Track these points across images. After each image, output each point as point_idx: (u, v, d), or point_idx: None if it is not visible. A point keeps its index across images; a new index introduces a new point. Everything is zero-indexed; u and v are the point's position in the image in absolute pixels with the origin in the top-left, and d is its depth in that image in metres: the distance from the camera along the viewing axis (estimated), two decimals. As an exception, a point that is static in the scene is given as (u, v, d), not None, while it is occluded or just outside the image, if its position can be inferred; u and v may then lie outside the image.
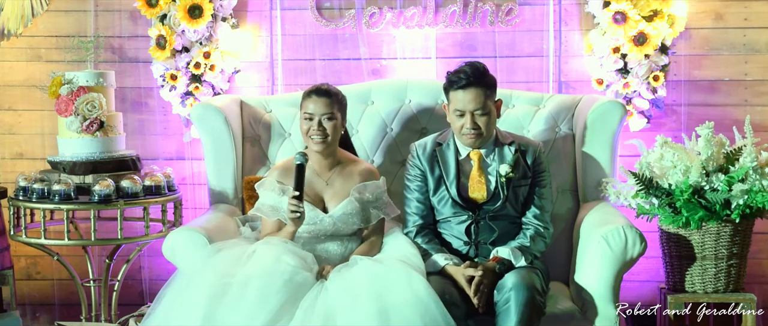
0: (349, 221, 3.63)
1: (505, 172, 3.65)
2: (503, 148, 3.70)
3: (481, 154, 3.69)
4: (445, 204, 3.70)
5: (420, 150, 3.76)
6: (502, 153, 3.69)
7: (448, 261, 3.57)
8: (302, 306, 3.18)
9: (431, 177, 3.72)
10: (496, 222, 3.67)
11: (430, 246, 3.65)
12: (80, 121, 4.18)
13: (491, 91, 3.63)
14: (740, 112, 4.41)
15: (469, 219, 3.67)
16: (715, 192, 3.75)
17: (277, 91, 4.54)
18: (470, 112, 3.59)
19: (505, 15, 4.40)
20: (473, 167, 3.70)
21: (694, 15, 4.40)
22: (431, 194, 3.72)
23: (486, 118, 3.60)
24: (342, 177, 3.72)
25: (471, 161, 3.70)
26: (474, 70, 3.59)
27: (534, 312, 3.36)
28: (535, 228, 3.68)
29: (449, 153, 3.72)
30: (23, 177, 4.24)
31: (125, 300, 4.57)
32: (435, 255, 3.60)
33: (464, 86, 3.58)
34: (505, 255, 3.57)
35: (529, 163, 3.70)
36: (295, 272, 3.29)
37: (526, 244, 3.62)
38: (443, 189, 3.70)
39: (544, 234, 3.69)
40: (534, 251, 3.63)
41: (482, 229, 3.68)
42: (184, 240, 3.57)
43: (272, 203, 3.66)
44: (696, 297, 3.89)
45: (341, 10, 4.48)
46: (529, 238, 3.64)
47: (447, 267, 3.55)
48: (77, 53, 4.45)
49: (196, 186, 4.62)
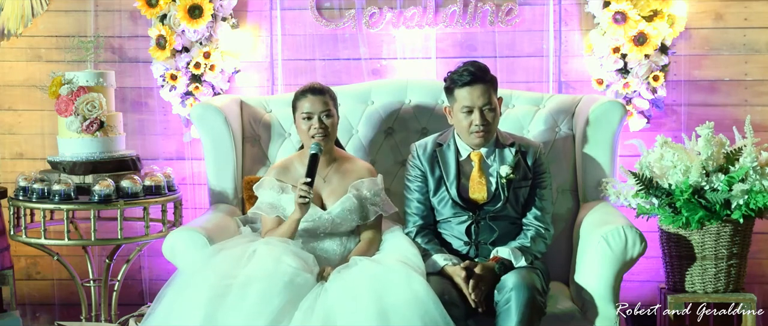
0: (347, 218, 3.64)
1: (505, 173, 3.65)
2: (504, 149, 3.70)
3: (482, 155, 3.70)
4: (445, 205, 3.70)
5: (420, 150, 3.76)
6: (503, 154, 3.69)
7: (447, 261, 3.57)
8: (302, 307, 3.18)
9: (432, 177, 3.72)
10: (497, 222, 3.67)
11: (430, 247, 3.65)
12: (80, 121, 4.18)
13: (494, 89, 3.65)
14: (740, 112, 4.41)
15: (470, 220, 3.68)
16: (715, 192, 3.75)
17: (277, 91, 4.54)
18: (479, 108, 3.59)
19: (505, 15, 4.40)
20: (474, 168, 3.70)
21: (694, 15, 4.40)
22: (431, 194, 3.72)
23: (493, 113, 3.62)
24: (339, 175, 3.74)
25: (471, 162, 3.70)
26: (477, 68, 3.62)
27: (534, 313, 3.36)
28: (536, 229, 3.68)
29: (450, 153, 3.72)
30: (23, 177, 4.24)
31: (125, 300, 4.57)
32: (435, 255, 3.60)
33: (470, 82, 3.59)
34: (505, 255, 3.57)
35: (529, 164, 3.70)
36: (296, 274, 3.29)
37: (527, 245, 3.62)
38: (443, 189, 3.70)
39: (545, 235, 3.69)
40: (534, 251, 3.63)
41: (482, 230, 3.68)
42: (184, 240, 3.57)
43: (271, 201, 3.68)
44: (696, 297, 3.89)
45: (341, 10, 4.48)
46: (530, 239, 3.64)
47: (446, 268, 3.55)
48: (77, 53, 4.45)
49: (196, 186, 4.62)
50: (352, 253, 3.58)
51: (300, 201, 3.51)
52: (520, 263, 3.55)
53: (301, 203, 3.51)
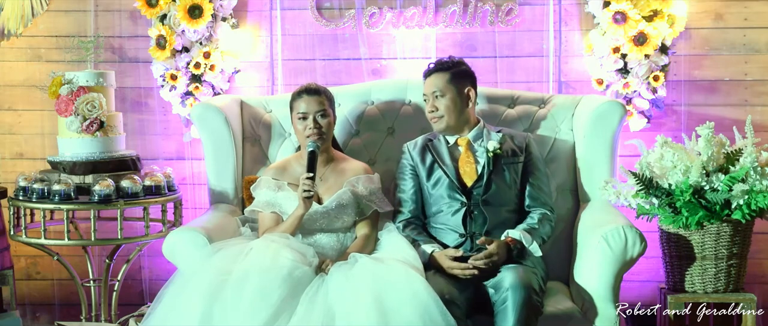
0: (343, 212, 3.66)
1: (493, 148, 3.76)
2: (490, 133, 3.83)
3: (469, 140, 3.82)
4: (441, 186, 3.77)
5: (411, 146, 3.91)
6: (490, 137, 3.81)
7: (434, 247, 3.64)
8: (303, 300, 3.20)
9: (422, 166, 3.81)
10: (488, 208, 3.70)
11: (419, 237, 3.72)
12: (80, 121, 4.18)
13: (455, 77, 3.80)
14: (740, 112, 4.41)
15: (463, 207, 3.70)
16: (715, 192, 3.75)
17: (277, 91, 4.54)
18: (430, 95, 3.80)
19: (505, 15, 4.40)
20: (461, 151, 3.81)
21: (694, 15, 4.40)
22: (425, 180, 3.80)
23: (444, 100, 3.77)
24: (335, 173, 3.78)
25: (459, 147, 3.82)
26: (441, 61, 3.86)
27: (531, 312, 3.37)
28: (541, 212, 3.75)
29: (440, 144, 3.85)
30: (23, 177, 4.24)
31: (125, 300, 4.57)
32: (423, 245, 3.66)
33: (428, 73, 3.84)
34: (516, 236, 3.63)
35: (516, 144, 3.82)
36: (295, 266, 3.30)
37: (535, 226, 3.70)
38: (437, 170, 3.79)
39: (550, 216, 3.78)
40: (542, 234, 3.70)
41: (476, 219, 3.70)
42: (184, 240, 3.57)
43: (268, 199, 3.72)
44: (696, 297, 3.89)
45: (341, 10, 4.48)
46: (537, 220, 3.72)
47: (434, 254, 3.61)
48: (77, 53, 4.45)
49: (196, 186, 4.62)
50: (350, 249, 3.60)
51: (304, 196, 3.54)
52: (531, 246, 3.62)
53: (305, 197, 3.55)
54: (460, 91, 3.78)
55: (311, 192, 3.55)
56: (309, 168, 3.59)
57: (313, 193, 3.57)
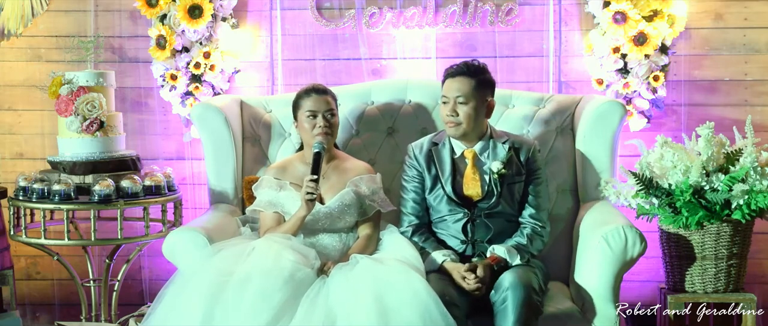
0: (345, 212, 3.66)
1: (497, 169, 3.68)
2: (497, 145, 3.73)
3: (476, 152, 3.72)
4: (441, 202, 3.71)
5: (417, 150, 3.80)
6: (496, 151, 3.72)
7: (445, 257, 3.59)
8: (304, 302, 3.19)
9: (428, 175, 3.75)
10: (492, 219, 3.69)
11: (427, 244, 3.67)
12: (80, 121, 4.18)
13: (480, 85, 3.68)
14: (740, 112, 4.41)
15: (465, 217, 3.68)
16: (715, 192, 3.75)
17: (277, 91, 4.54)
18: (452, 99, 3.66)
19: (505, 15, 4.40)
20: (468, 165, 3.72)
21: (694, 15, 4.40)
22: (428, 192, 3.74)
23: (466, 107, 3.65)
24: (338, 172, 3.78)
25: (465, 159, 3.73)
26: (469, 64, 3.70)
27: (531, 312, 3.37)
28: (532, 227, 3.69)
29: (445, 152, 3.75)
30: (23, 177, 4.24)
31: (125, 300, 4.57)
32: (433, 252, 3.62)
33: (453, 74, 3.69)
34: (500, 253, 3.58)
35: (522, 160, 3.73)
36: (297, 269, 3.30)
37: (523, 243, 3.63)
38: (439, 187, 3.72)
39: (542, 232, 3.70)
40: (531, 250, 3.65)
41: (478, 228, 3.69)
42: (184, 240, 3.57)
43: (270, 198, 3.72)
44: (696, 297, 3.89)
45: (341, 10, 4.48)
46: (526, 237, 3.66)
47: (445, 263, 3.56)
48: (77, 53, 4.45)
49: (196, 186, 4.62)
50: (351, 250, 3.60)
51: (307, 198, 3.54)
52: (515, 262, 3.56)
53: (309, 199, 3.54)
54: (483, 101, 3.69)
55: (314, 194, 3.55)
56: (313, 170, 3.59)
57: (316, 195, 3.57)
